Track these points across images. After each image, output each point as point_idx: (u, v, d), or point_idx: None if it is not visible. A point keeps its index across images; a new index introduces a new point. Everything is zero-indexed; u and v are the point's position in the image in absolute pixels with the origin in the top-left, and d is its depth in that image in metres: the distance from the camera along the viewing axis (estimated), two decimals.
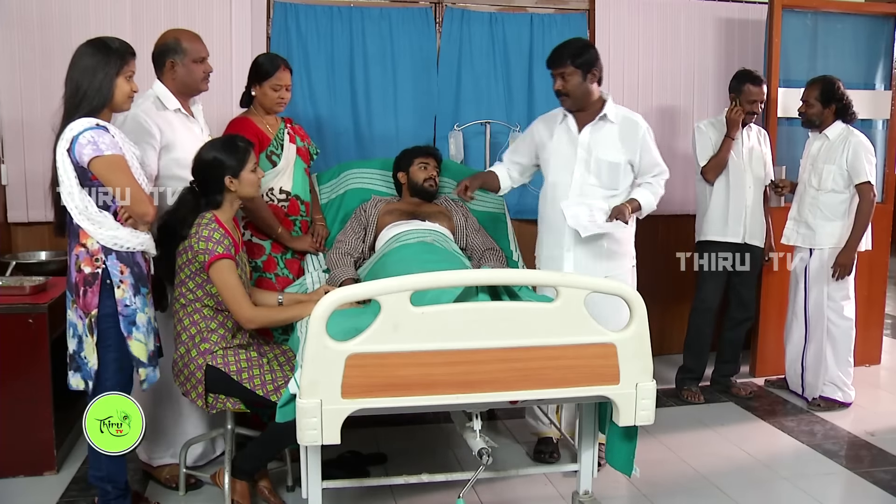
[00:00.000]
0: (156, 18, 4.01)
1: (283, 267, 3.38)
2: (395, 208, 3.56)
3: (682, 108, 4.82)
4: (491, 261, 3.43)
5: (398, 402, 2.17)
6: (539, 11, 4.58)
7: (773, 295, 4.51)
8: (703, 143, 4.17)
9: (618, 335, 2.27)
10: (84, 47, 2.56)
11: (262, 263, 3.34)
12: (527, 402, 2.36)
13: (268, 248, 3.35)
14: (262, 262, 3.34)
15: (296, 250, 3.43)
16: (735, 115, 4.08)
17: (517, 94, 4.59)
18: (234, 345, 2.76)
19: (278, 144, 3.36)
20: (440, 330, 2.15)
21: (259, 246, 3.34)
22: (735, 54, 4.81)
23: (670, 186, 3.52)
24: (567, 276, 2.23)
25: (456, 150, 4.38)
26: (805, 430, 3.80)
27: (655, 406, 2.34)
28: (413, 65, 4.45)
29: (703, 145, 4.17)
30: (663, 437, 3.64)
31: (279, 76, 3.31)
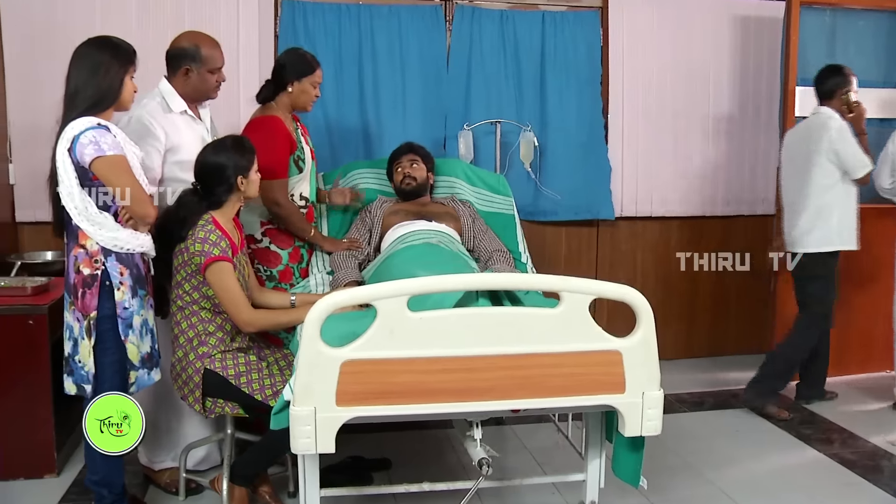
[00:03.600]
0: (162, 17, 3.98)
1: (298, 277, 3.32)
2: (401, 209, 3.49)
3: (696, 108, 4.72)
4: (499, 263, 3.35)
5: (395, 410, 2.10)
6: (551, 9, 4.51)
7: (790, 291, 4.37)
8: (853, 142, 3.80)
9: (623, 342, 2.19)
10: (88, 46, 2.51)
11: (279, 273, 3.27)
12: (529, 411, 2.28)
13: (285, 258, 3.28)
14: (277, 271, 3.27)
15: (327, 251, 3.36)
16: (862, 109, 3.85)
17: (528, 93, 4.52)
18: (232, 348, 2.71)
19: (301, 147, 3.29)
20: (438, 336, 2.08)
21: (276, 255, 3.27)
22: (751, 52, 4.72)
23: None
24: (570, 280, 2.14)
25: (466, 149, 4.31)
26: (822, 439, 3.70)
27: (670, 412, 2.25)
28: (422, 63, 4.39)
29: (854, 144, 3.80)
30: (675, 445, 3.56)
31: (319, 73, 3.24)
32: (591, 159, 4.61)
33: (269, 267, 3.25)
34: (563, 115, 4.53)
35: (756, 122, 4.80)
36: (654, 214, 4.77)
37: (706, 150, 4.77)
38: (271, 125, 3.17)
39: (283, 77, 3.21)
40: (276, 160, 3.14)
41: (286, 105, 3.24)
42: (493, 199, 3.76)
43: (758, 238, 4.72)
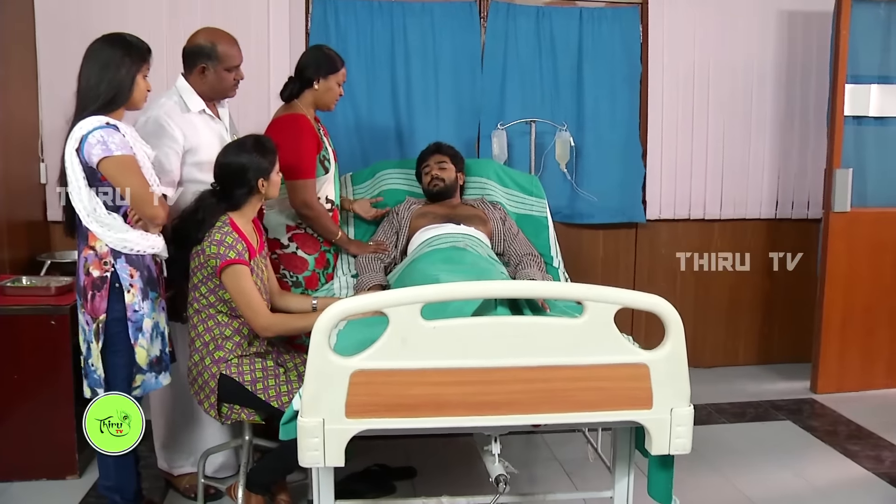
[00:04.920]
0: (192, 15, 3.94)
1: (324, 282, 3.24)
2: (429, 211, 3.40)
3: (740, 107, 4.55)
4: (529, 267, 3.22)
5: (407, 423, 2.00)
6: (589, 5, 4.38)
7: (837, 298, 4.22)
8: None
9: (651, 355, 2.06)
10: (101, 42, 2.47)
11: (305, 279, 3.20)
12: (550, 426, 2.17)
13: (311, 263, 3.21)
14: (304, 277, 3.19)
15: (353, 254, 3.29)
16: None
17: (565, 91, 4.40)
18: (250, 353, 2.65)
19: (326, 147, 3.22)
20: (453, 346, 1.97)
21: (303, 260, 3.19)
22: (799, 48, 4.53)
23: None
24: (594, 289, 2.02)
25: (499, 149, 4.21)
26: (870, 456, 3.51)
27: (709, 423, 2.11)
28: (456, 61, 4.29)
29: None
30: (713, 458, 3.41)
31: (344, 71, 3.18)
32: (626, 160, 4.48)
33: (295, 273, 3.18)
34: (600, 114, 4.41)
35: (804, 123, 4.60)
36: (694, 217, 4.61)
37: (750, 151, 4.59)
38: (298, 123, 3.10)
39: (308, 75, 3.13)
40: (304, 159, 3.07)
41: (310, 103, 3.16)
42: (526, 200, 3.64)
43: (804, 242, 4.54)
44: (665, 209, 4.57)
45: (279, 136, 2.94)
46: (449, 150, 3.53)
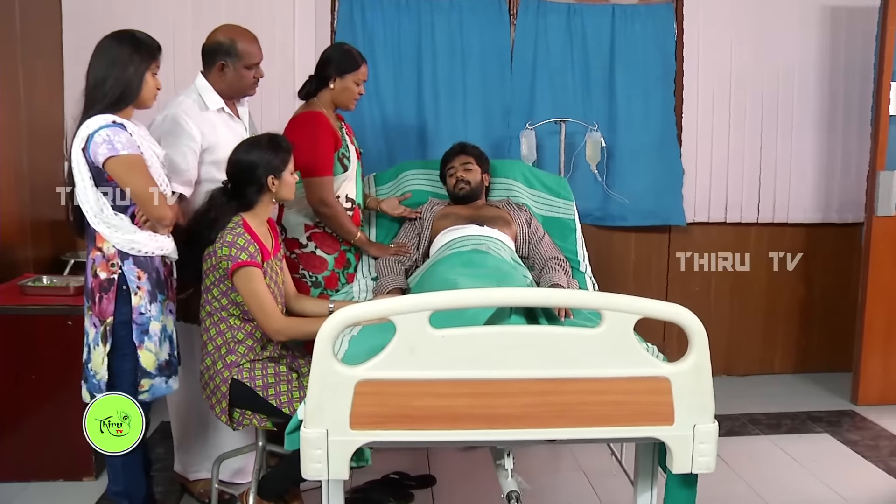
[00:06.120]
0: (217, 12, 3.92)
1: (344, 282, 3.18)
2: (452, 212, 3.31)
3: (780, 107, 4.39)
4: (554, 272, 3.12)
5: (414, 435, 1.91)
6: (622, 2, 4.28)
7: (880, 305, 4.05)
8: None
9: (672, 368, 1.95)
10: (109, 39, 2.43)
11: (324, 279, 3.14)
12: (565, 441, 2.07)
13: (331, 263, 3.15)
14: (323, 277, 3.13)
15: (373, 256, 3.22)
16: None
17: (596, 91, 4.30)
18: (262, 357, 2.58)
19: (346, 145, 3.16)
20: (462, 356, 1.88)
21: (322, 259, 3.14)
22: (842, 45, 4.36)
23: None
24: (612, 297, 1.92)
25: (528, 150, 4.12)
26: None
27: (742, 434, 2.00)
28: (484, 59, 4.22)
29: None
30: (744, 472, 3.27)
31: (364, 70, 3.11)
32: (662, 161, 4.35)
33: (314, 272, 3.12)
34: (633, 114, 4.30)
35: (847, 123, 4.44)
36: (729, 220, 4.47)
37: (790, 152, 4.44)
38: (314, 121, 3.04)
39: (326, 72, 3.07)
40: (321, 156, 3.01)
41: (328, 102, 3.10)
42: (553, 202, 3.54)
43: (846, 247, 4.37)
44: (700, 212, 4.43)
45: (295, 134, 2.89)
46: (474, 151, 3.44)
